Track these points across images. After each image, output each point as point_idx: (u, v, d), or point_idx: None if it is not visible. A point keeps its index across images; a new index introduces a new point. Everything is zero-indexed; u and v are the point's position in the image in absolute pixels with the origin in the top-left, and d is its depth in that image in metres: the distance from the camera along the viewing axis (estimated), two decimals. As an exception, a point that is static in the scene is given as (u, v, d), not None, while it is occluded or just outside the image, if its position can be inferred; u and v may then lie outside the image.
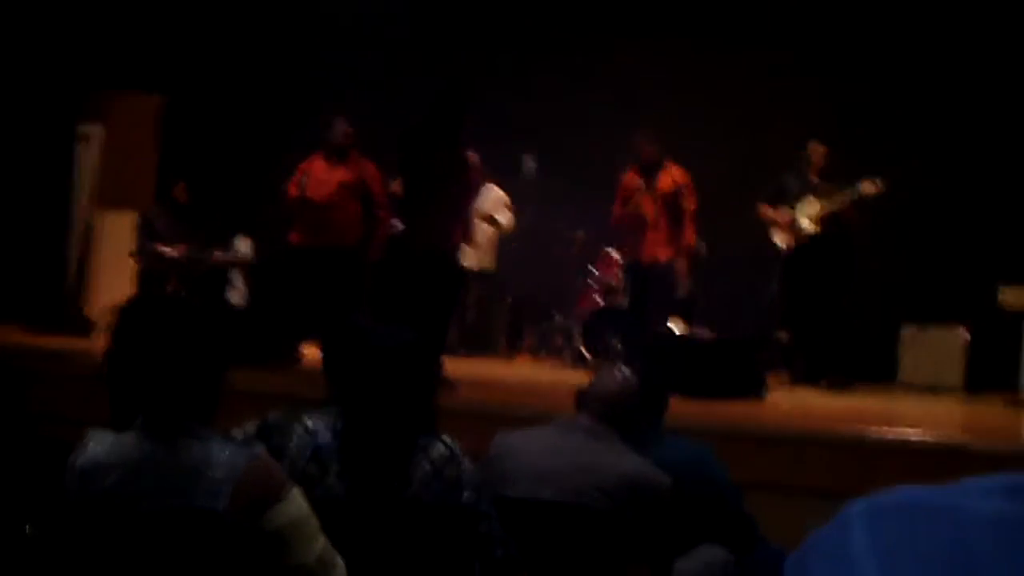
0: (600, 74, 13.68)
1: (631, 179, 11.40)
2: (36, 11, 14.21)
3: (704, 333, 11.41)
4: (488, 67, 13.29)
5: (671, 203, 11.23)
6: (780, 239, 11.42)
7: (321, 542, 3.33)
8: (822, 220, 11.25)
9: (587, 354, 12.46)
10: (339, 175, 11.05)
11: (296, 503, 3.28)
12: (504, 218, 13.35)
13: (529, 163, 13.35)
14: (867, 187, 11.05)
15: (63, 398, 7.77)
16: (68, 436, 3.67)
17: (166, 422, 3.28)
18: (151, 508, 3.20)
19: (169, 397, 3.29)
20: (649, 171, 11.31)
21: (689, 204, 11.26)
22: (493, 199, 13.31)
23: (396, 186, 10.85)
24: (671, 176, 11.26)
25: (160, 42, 14.89)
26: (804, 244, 11.31)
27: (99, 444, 3.30)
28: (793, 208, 11.30)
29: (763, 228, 11.78)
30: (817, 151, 11.43)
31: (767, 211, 11.52)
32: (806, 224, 11.28)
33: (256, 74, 14.88)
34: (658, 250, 11.24)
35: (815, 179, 11.44)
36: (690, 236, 11.32)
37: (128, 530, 3.25)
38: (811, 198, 11.34)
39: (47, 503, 3.65)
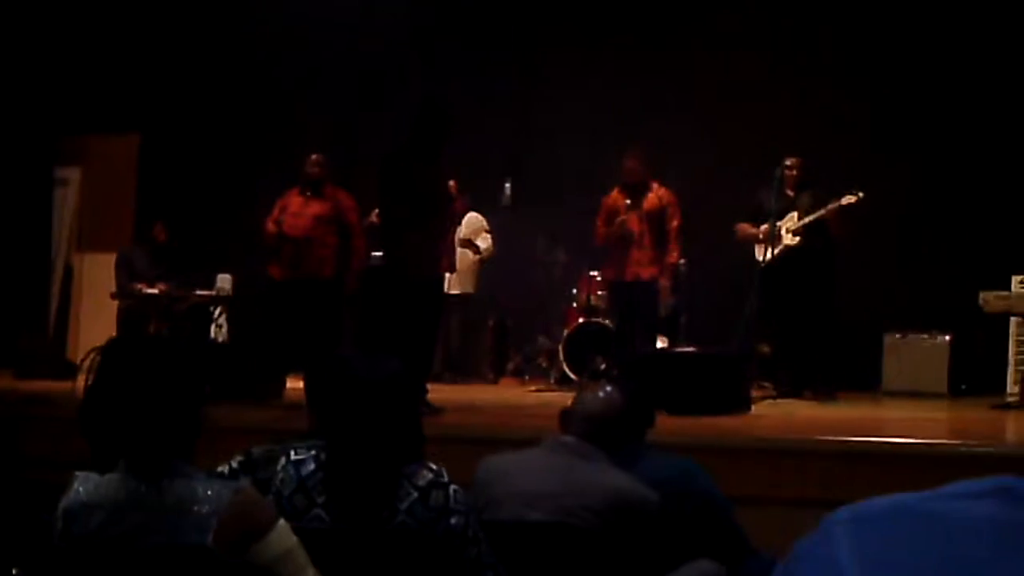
0: (577, 96, 13.71)
1: (615, 198, 11.44)
2: (9, 58, 14.20)
3: (688, 349, 11.41)
4: (466, 93, 13.30)
5: (656, 221, 11.28)
6: (762, 253, 11.43)
7: (311, 574, 3.33)
8: (802, 231, 11.25)
9: (571, 374, 12.44)
10: (315, 208, 11.07)
11: (284, 535, 3.29)
12: (483, 244, 13.36)
13: (507, 190, 13.36)
14: (847, 199, 11.06)
15: (49, 442, 7.75)
16: (55, 479, 3.67)
17: (150, 461, 3.28)
18: (139, 547, 3.21)
19: (152, 436, 3.29)
20: (635, 191, 11.36)
21: (674, 223, 11.31)
22: (472, 225, 13.32)
23: (373, 216, 10.87)
24: (657, 196, 11.31)
25: (134, 82, 14.92)
26: (785, 256, 11.30)
27: (84, 486, 3.31)
28: (774, 224, 11.29)
29: (742, 243, 11.80)
30: (791, 165, 11.42)
31: (746, 228, 11.51)
32: (787, 237, 11.29)
33: (232, 110, 14.87)
34: (642, 268, 11.28)
35: (791, 193, 11.44)
36: (674, 254, 11.38)
37: (117, 570, 3.25)
38: (792, 212, 11.33)
39: (34, 546, 3.65)
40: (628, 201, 11.34)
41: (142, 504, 3.23)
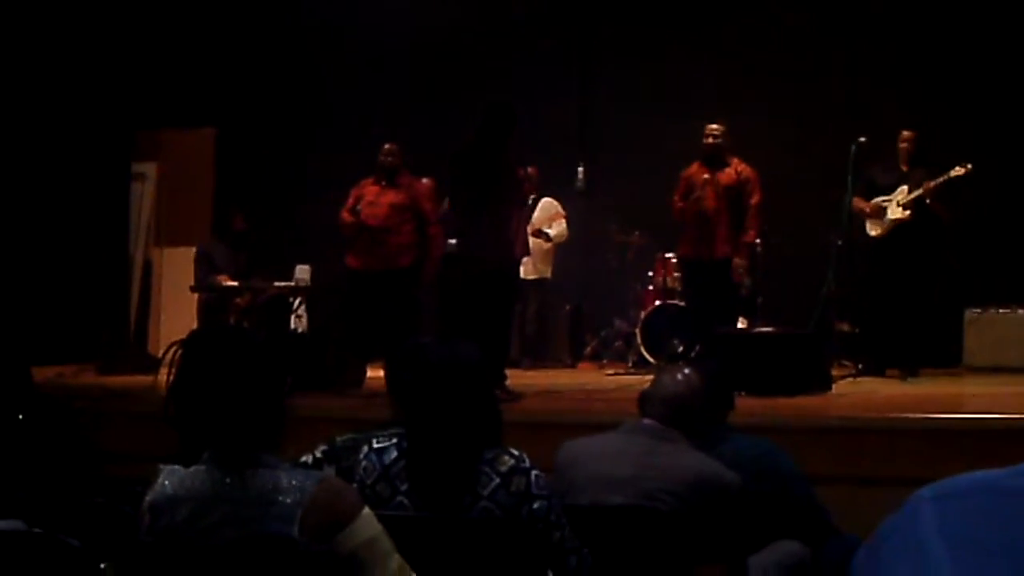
0: (652, 75, 13.66)
1: (694, 172, 11.33)
2: (85, 54, 14.33)
3: (766, 329, 11.34)
4: (535, 78, 13.29)
5: (734, 198, 11.15)
6: (874, 229, 11.31)
7: (396, 561, 3.34)
8: (912, 205, 11.10)
9: (648, 357, 12.41)
10: (390, 197, 11.08)
11: (368, 523, 3.30)
12: (556, 230, 13.34)
13: (580, 175, 13.33)
14: (956, 171, 10.92)
15: (132, 436, 7.83)
16: (138, 474, 3.70)
17: (234, 453, 3.31)
18: (224, 538, 3.24)
19: (236, 428, 3.32)
20: (713, 164, 11.25)
21: (754, 199, 11.19)
22: (547, 211, 13.31)
23: (448, 205, 10.91)
24: (735, 170, 11.19)
25: (209, 76, 15.01)
26: (895, 230, 11.18)
27: (169, 479, 3.34)
28: (886, 199, 11.18)
29: (818, 221, 11.72)
30: (905, 139, 11.29)
31: (860, 203, 11.35)
32: (897, 211, 11.15)
33: (305, 102, 14.94)
34: (717, 246, 11.18)
35: (905, 168, 11.30)
36: (752, 232, 11.24)
37: (203, 562, 3.28)
38: (903, 187, 11.20)
39: (121, 541, 3.69)
40: (706, 175, 11.23)
41: (227, 496, 3.25)
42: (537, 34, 14.22)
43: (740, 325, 11.67)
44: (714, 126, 11.30)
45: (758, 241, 11.61)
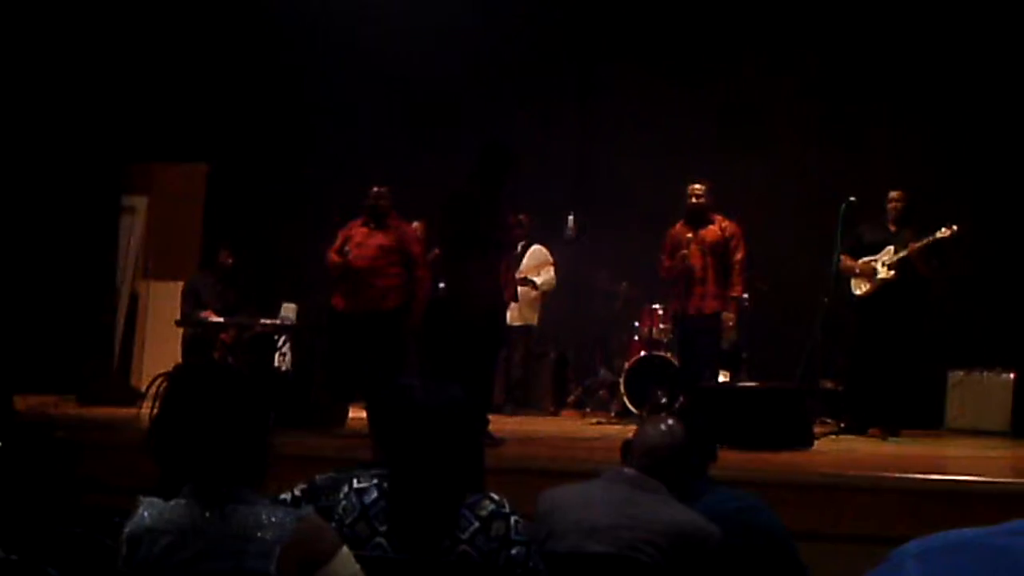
0: (647, 127, 13.71)
1: (678, 231, 11.44)
2: (77, 87, 14.37)
3: (749, 384, 11.37)
4: (529, 125, 13.34)
5: (719, 254, 11.25)
6: (858, 287, 11.36)
7: (372, 602, 3.34)
8: (897, 266, 11.15)
9: (631, 407, 12.42)
10: (378, 239, 11.10)
11: (346, 563, 3.29)
12: (543, 278, 13.35)
13: (570, 223, 13.36)
14: (942, 232, 10.97)
15: (112, 468, 7.81)
16: (117, 505, 3.70)
17: (215, 488, 3.30)
18: (202, 573, 3.23)
19: (218, 463, 3.31)
20: (697, 223, 11.35)
21: (738, 255, 11.27)
22: (536, 258, 13.34)
23: (437, 250, 10.95)
24: (719, 227, 11.29)
25: (202, 112, 15.05)
26: (879, 290, 11.23)
27: (149, 511, 3.33)
28: (872, 258, 11.23)
29: (805, 278, 11.76)
30: (894, 198, 11.36)
31: (848, 262, 11.40)
32: (882, 271, 11.20)
33: (298, 141, 14.97)
34: (704, 302, 11.27)
35: (893, 227, 11.36)
36: (738, 287, 11.34)
37: (181, 596, 3.27)
38: (889, 247, 11.24)
39: (100, 571, 3.67)
40: (690, 234, 11.34)
41: (206, 530, 3.25)
42: (534, 81, 14.27)
43: (722, 378, 11.70)
44: (697, 186, 11.41)
45: (745, 296, 11.68)
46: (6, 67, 13.82)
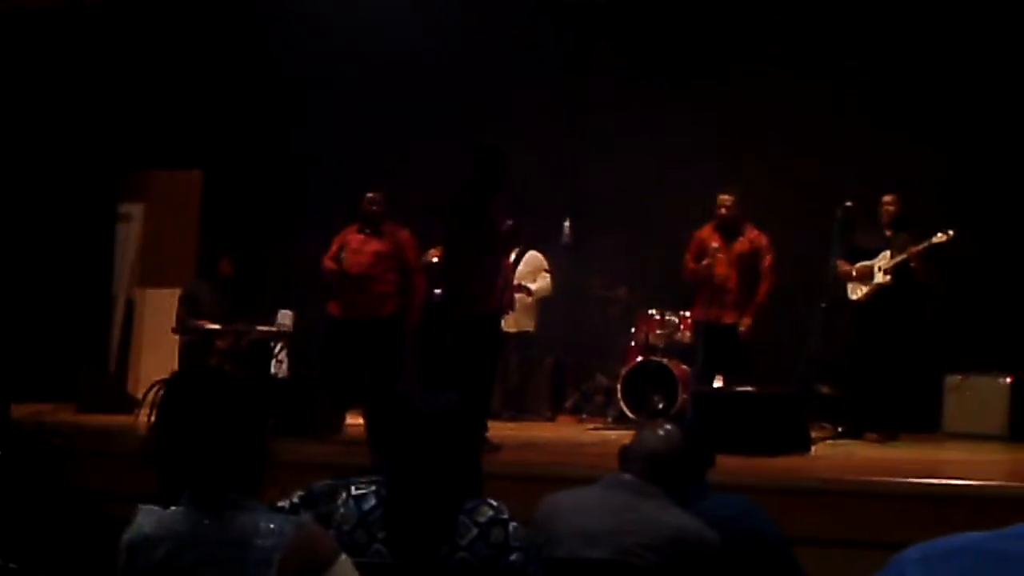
0: (643, 132, 13.69)
1: (707, 236, 11.53)
2: (73, 95, 14.37)
3: (747, 389, 11.36)
4: (526, 132, 13.31)
5: (747, 265, 11.39)
6: (855, 292, 11.38)
7: (371, 609, 3.33)
8: (894, 270, 11.16)
9: (628, 412, 12.41)
10: (374, 246, 11.11)
11: (345, 570, 3.29)
12: (538, 284, 13.35)
13: (567, 229, 13.36)
14: (937, 237, 10.97)
15: (109, 475, 7.80)
16: (115, 513, 3.69)
17: (213, 495, 3.30)
18: (201, 580, 3.22)
19: (215, 470, 3.31)
20: (728, 232, 11.45)
21: (767, 262, 11.42)
22: (532, 264, 13.33)
23: (433, 254, 10.93)
24: (749, 239, 11.41)
25: (197, 119, 15.05)
26: (877, 295, 11.25)
27: (147, 519, 3.33)
28: (869, 263, 11.25)
29: (800, 282, 11.77)
30: (888, 202, 11.38)
31: (845, 266, 11.42)
32: (879, 276, 11.20)
33: (293, 147, 14.96)
34: (725, 312, 11.41)
35: (888, 232, 11.37)
36: (764, 295, 11.48)
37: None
38: (885, 251, 11.25)
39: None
40: (715, 245, 11.46)
41: (205, 538, 3.24)
42: (529, 86, 14.25)
43: (717, 383, 11.70)
44: (726, 196, 11.54)
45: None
46: (4, 78, 13.83)
